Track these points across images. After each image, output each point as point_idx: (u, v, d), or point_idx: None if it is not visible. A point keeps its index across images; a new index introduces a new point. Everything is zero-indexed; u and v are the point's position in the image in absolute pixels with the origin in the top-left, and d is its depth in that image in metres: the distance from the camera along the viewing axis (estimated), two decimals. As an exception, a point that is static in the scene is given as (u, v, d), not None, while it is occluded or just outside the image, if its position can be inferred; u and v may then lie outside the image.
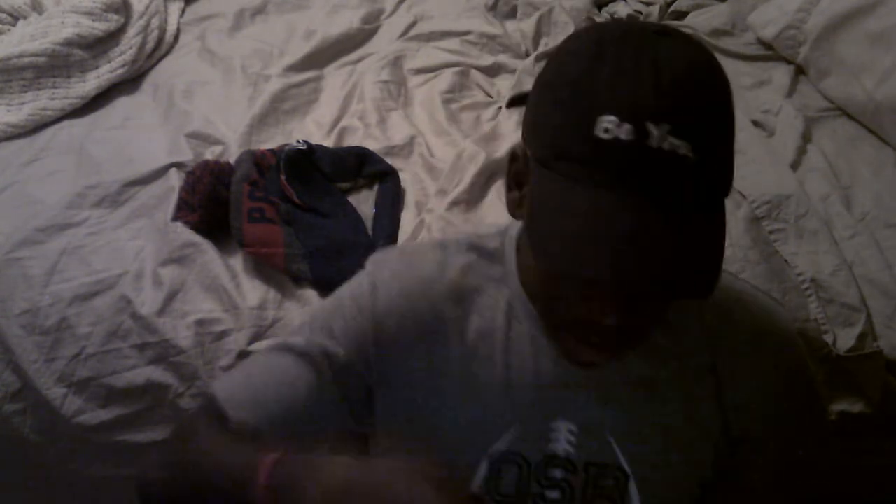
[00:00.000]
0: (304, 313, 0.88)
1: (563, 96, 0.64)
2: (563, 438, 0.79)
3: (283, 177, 1.42)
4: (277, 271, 1.31)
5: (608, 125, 0.60)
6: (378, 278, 0.81)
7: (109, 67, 1.77)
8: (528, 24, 1.94)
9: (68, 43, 1.72)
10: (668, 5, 2.04)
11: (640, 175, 0.60)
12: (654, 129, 0.59)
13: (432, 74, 1.79)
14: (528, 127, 0.69)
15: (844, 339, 1.22)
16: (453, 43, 1.89)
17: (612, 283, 0.62)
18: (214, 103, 1.69)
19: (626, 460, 0.80)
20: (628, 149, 0.60)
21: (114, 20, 1.82)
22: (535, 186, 0.67)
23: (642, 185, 0.60)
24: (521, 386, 0.79)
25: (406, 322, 0.79)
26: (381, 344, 0.79)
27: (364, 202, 1.46)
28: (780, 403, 0.82)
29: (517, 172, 0.73)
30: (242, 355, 1.22)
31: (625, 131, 0.60)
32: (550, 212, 0.64)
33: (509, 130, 1.60)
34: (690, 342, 0.79)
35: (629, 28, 0.65)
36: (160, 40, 1.91)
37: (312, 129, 1.65)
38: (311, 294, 1.29)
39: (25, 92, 1.67)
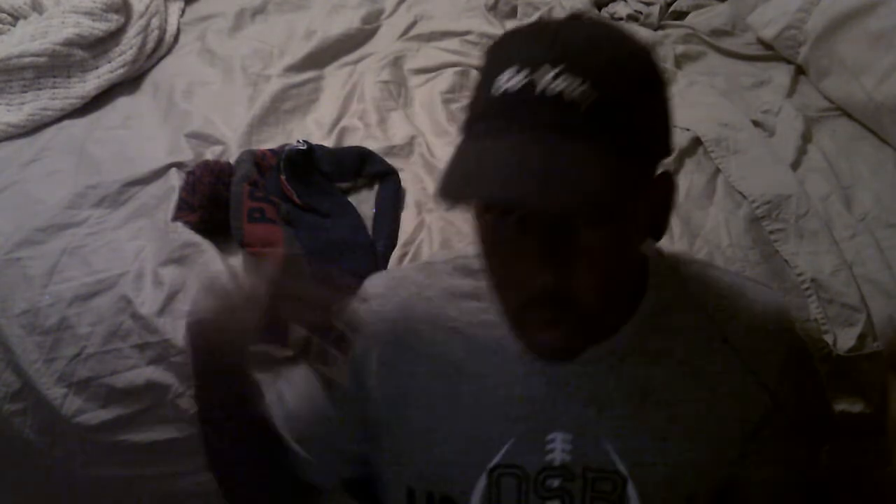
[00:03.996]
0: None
1: (481, 70, 0.68)
2: (560, 448, 0.80)
3: (283, 177, 1.42)
4: (277, 271, 1.30)
5: (505, 78, 0.64)
6: (363, 307, 0.84)
7: (109, 67, 1.77)
8: (528, 25, 1.93)
9: (68, 43, 1.72)
10: (668, 5, 2.03)
11: (529, 114, 0.63)
12: (544, 73, 0.62)
13: (432, 74, 1.79)
14: None
15: (844, 339, 1.22)
16: (453, 43, 1.88)
17: (499, 201, 0.66)
18: (214, 103, 1.69)
19: (623, 464, 0.80)
20: (519, 93, 0.63)
21: (114, 20, 1.82)
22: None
23: (532, 123, 0.63)
24: (513, 401, 0.80)
25: (392, 345, 0.83)
26: (369, 368, 0.83)
27: (364, 202, 1.46)
28: (795, 394, 0.83)
29: None
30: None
31: (517, 80, 0.63)
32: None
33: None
34: (687, 342, 0.80)
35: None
36: (160, 40, 1.91)
37: (312, 129, 1.64)
38: (311, 294, 1.29)
39: (25, 92, 1.67)
